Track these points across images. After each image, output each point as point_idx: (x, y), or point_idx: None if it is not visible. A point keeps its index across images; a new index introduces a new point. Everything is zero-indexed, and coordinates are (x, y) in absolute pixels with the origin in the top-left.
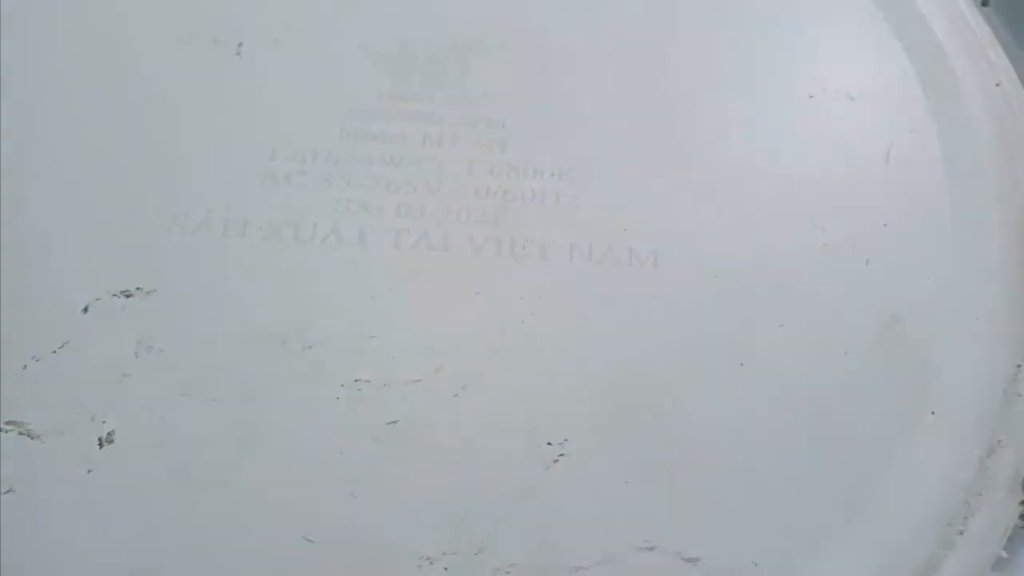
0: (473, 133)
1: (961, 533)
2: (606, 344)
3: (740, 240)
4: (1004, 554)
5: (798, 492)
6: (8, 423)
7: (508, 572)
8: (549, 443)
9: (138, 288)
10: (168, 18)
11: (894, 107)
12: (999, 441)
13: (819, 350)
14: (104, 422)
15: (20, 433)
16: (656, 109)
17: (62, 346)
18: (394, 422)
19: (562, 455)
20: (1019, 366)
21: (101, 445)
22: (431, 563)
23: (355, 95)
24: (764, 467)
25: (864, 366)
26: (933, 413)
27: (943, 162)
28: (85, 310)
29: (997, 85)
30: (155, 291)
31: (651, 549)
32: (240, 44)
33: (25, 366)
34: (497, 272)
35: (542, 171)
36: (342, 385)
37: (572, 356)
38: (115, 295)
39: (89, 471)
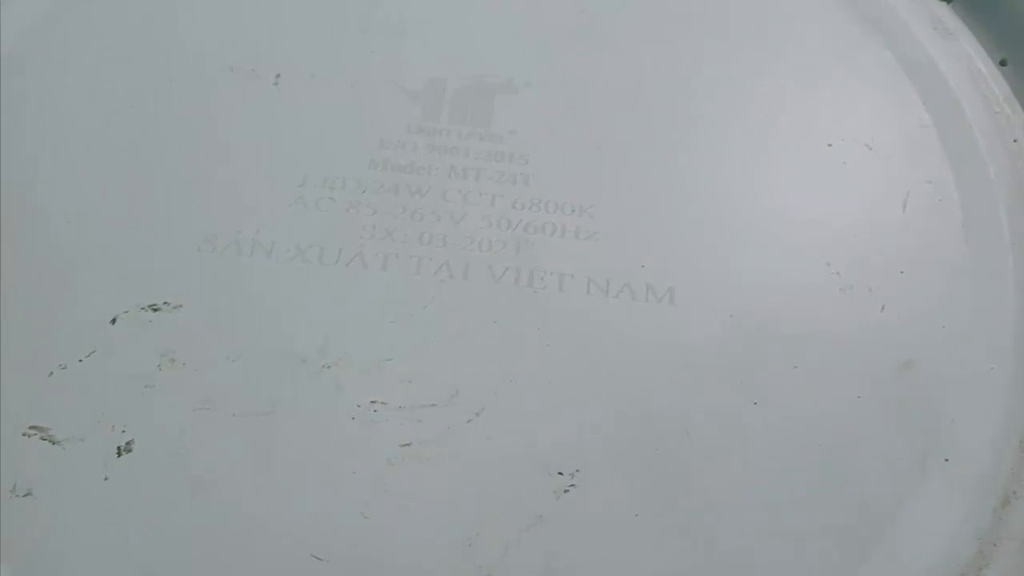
0: (497, 168)
1: None
2: (620, 377)
3: (757, 281)
4: None
5: (807, 534)
6: (31, 427)
7: None
8: (560, 472)
9: (166, 303)
10: (211, 49)
11: (912, 158)
12: (1014, 492)
13: (832, 392)
14: (124, 431)
15: (42, 438)
16: (677, 150)
17: (88, 355)
18: (407, 444)
19: (573, 485)
20: None
21: (119, 454)
22: None
23: (384, 128)
24: (774, 507)
25: (877, 410)
26: (947, 460)
27: (960, 212)
28: (113, 321)
29: (1015, 141)
30: (182, 306)
31: None
32: (278, 76)
33: (51, 373)
34: (515, 302)
35: (563, 206)
36: (358, 406)
37: (586, 387)
38: (143, 308)
39: (106, 478)
